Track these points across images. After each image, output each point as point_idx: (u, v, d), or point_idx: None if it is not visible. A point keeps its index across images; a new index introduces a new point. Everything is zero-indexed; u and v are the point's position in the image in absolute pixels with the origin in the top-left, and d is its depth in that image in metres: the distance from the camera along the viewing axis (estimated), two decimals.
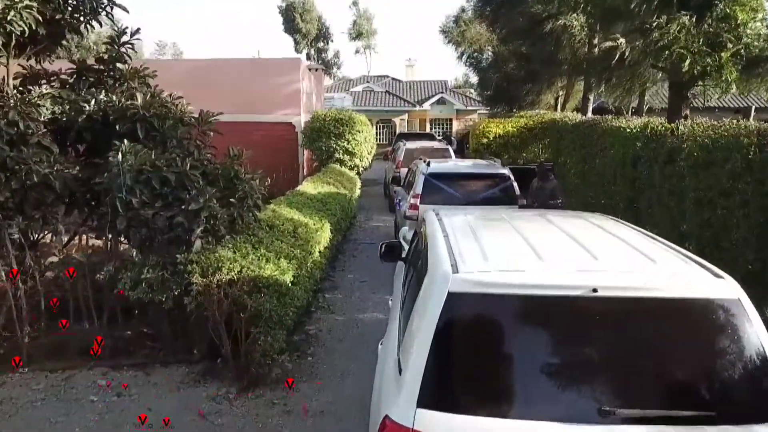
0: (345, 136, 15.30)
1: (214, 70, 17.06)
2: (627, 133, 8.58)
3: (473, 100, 40.74)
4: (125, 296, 5.64)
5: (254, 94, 16.89)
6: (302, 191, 10.04)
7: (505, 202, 8.25)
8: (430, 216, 4.32)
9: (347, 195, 11.77)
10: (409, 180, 10.47)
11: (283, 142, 16.91)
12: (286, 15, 58.71)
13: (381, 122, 38.49)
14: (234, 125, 17.68)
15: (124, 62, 6.73)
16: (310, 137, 15.68)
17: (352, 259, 10.54)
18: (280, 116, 16.95)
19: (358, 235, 12.66)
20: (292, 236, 6.89)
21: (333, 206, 9.68)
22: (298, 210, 8.39)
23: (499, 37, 21.37)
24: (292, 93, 16.86)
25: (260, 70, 16.91)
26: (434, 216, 4.25)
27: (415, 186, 8.56)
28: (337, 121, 15.43)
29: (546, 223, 3.81)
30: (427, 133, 23.00)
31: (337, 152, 15.28)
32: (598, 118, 11.22)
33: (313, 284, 7.43)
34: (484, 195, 8.28)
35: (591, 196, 10.91)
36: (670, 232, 6.87)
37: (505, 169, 8.54)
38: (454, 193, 8.25)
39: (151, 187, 5.51)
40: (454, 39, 25.10)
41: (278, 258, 6.01)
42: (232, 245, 5.96)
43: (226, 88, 16.83)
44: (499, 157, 16.50)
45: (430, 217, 4.32)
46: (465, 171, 8.70)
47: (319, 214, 8.67)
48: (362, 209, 16.06)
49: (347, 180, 13.54)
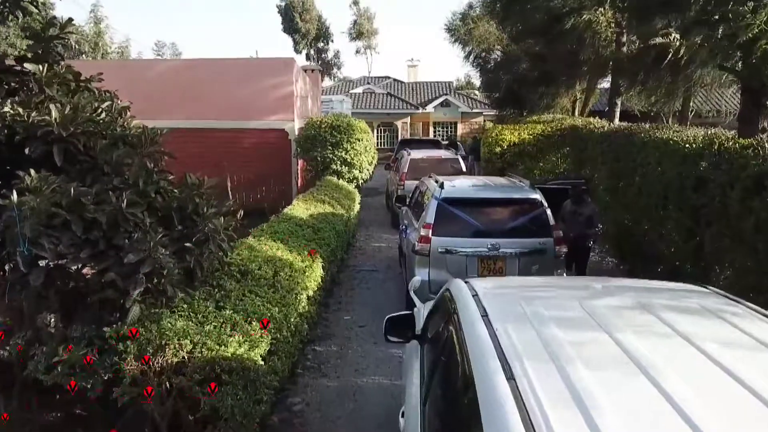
0: (342, 145, 13.81)
1: (199, 72, 15.63)
2: (683, 149, 7.11)
3: (479, 103, 39.28)
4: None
5: (243, 97, 15.46)
6: (290, 214, 8.58)
7: (536, 234, 6.79)
8: (463, 295, 2.86)
9: (344, 216, 10.30)
10: (417, 199, 9.00)
11: (274, 151, 15.46)
12: (286, 14, 58.02)
13: (382, 125, 37.02)
14: (220, 133, 16.29)
15: (55, 61, 5.24)
16: (303, 146, 14.19)
17: (349, 293, 9.08)
18: (272, 122, 15.50)
19: (357, 259, 11.20)
20: (271, 285, 5.43)
21: (327, 233, 8.21)
22: (283, 242, 6.94)
23: (510, 36, 19.92)
24: (284, 96, 15.42)
25: (250, 72, 15.47)
26: (469, 297, 2.79)
27: (426, 213, 7.09)
28: (333, 129, 13.94)
29: (654, 322, 2.35)
30: (432, 140, 21.45)
31: (333, 163, 13.80)
32: (637, 127, 9.75)
33: (299, 342, 5.96)
34: (511, 226, 6.81)
35: (628, 219, 9.43)
36: (754, 278, 5.41)
37: (536, 193, 7.06)
38: (474, 223, 6.78)
39: (71, 234, 4.05)
40: (460, 38, 23.67)
41: (249, 321, 4.56)
42: (187, 305, 4.51)
43: (211, 92, 15.43)
44: (514, 168, 15.07)
45: (462, 296, 2.87)
46: (487, 195, 7.21)
47: (310, 247, 7.20)
48: (362, 225, 14.60)
49: (345, 195, 12.07)
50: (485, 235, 6.70)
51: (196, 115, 15.34)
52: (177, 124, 15.44)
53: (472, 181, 7.98)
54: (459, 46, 24.18)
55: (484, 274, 6.69)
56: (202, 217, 4.92)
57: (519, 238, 6.73)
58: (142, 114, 15.17)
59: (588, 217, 7.66)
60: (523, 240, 6.72)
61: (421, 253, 6.86)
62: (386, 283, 9.61)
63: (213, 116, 15.38)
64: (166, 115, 15.42)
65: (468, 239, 6.74)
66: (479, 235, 6.72)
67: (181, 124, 15.43)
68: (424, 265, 6.85)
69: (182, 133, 15.47)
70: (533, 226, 6.84)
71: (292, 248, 6.83)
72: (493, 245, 6.65)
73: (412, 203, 9.50)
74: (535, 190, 7.15)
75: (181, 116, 15.38)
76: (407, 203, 9.86)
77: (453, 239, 6.77)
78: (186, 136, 15.42)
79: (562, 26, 14.30)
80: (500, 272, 6.71)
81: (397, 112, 36.65)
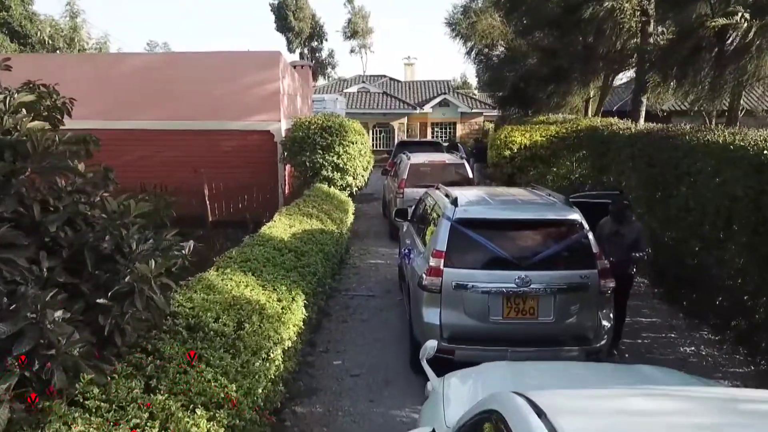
0: (334, 149, 12.40)
1: (175, 67, 14.21)
2: (756, 157, 5.75)
3: (479, 102, 37.96)
4: None
5: (224, 95, 14.06)
6: (269, 234, 7.19)
7: (577, 265, 5.42)
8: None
9: (335, 232, 8.91)
10: (421, 215, 7.63)
11: (259, 155, 14.06)
12: (279, 13, 57.29)
13: (378, 126, 35.64)
14: (198, 135, 14.87)
15: None
16: (291, 150, 12.77)
17: (341, 327, 7.68)
18: (256, 123, 14.09)
19: (351, 281, 9.80)
20: (231, 345, 4.04)
21: (313, 258, 6.82)
22: (255, 275, 5.55)
23: (516, 30, 18.59)
24: (270, 94, 14.01)
25: (231, 67, 14.06)
26: None
27: (435, 238, 5.70)
28: (324, 130, 12.53)
29: None
30: (433, 141, 19.98)
31: (324, 169, 12.38)
32: (679, 129, 8.39)
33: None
34: (545, 254, 5.42)
35: (671, 237, 8.07)
36: None
37: (575, 212, 5.68)
38: (498, 251, 5.39)
39: None
40: (462, 32, 22.31)
41: (193, 409, 3.17)
42: (99, 390, 3.11)
43: (189, 89, 14.04)
44: (524, 173, 13.75)
45: None
46: (514, 216, 5.80)
47: (290, 278, 5.82)
48: (357, 236, 13.20)
49: (337, 206, 10.69)
50: (512, 267, 5.33)
51: (171, 115, 13.94)
52: (150, 126, 14.09)
53: (492, 196, 6.56)
54: (460, 41, 22.81)
55: (511, 316, 5.32)
56: (127, 259, 3.53)
57: (555, 271, 5.36)
58: (110, 115, 13.77)
59: (634, 240, 6.27)
60: (560, 273, 5.35)
61: (430, 288, 5.47)
62: (385, 312, 8.22)
63: (191, 116, 13.98)
64: (139, 116, 14.05)
65: (490, 271, 5.37)
66: (504, 266, 5.34)
67: (155, 125, 14.08)
68: (434, 304, 5.47)
69: (156, 136, 14.10)
70: (572, 254, 5.47)
71: (267, 283, 5.44)
72: (522, 279, 5.27)
73: (414, 218, 8.11)
74: (573, 209, 5.77)
75: (155, 116, 13.99)
76: (409, 218, 8.47)
77: (471, 272, 5.39)
78: (160, 138, 14.07)
79: (578, 16, 12.96)
80: (531, 313, 5.33)
81: (393, 112, 35.26)
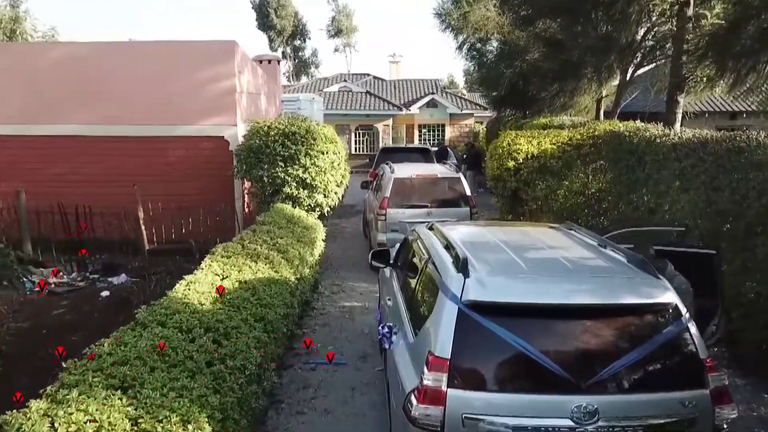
0: (299, 160, 10.07)
1: (109, 60, 11.83)
2: None
3: (469, 103, 35.84)
4: None
5: (169, 94, 11.74)
6: (181, 298, 4.90)
7: (676, 384, 3.22)
8: None
9: (291, 282, 6.65)
10: (408, 262, 5.40)
11: (210, 166, 11.73)
12: (260, 10, 56.30)
13: (361, 128, 33.36)
14: (137, 142, 12.43)
15: None
16: (246, 161, 10.41)
17: (294, 424, 5.41)
18: (207, 127, 11.77)
19: (318, 336, 7.54)
20: None
21: (244, 340, 4.54)
22: (126, 394, 3.29)
23: (516, 19, 16.44)
24: (224, 93, 11.71)
25: (177, 60, 11.73)
26: None
27: (433, 333, 3.44)
28: (286, 137, 10.19)
29: None
30: (421, 148, 17.52)
31: (287, 185, 10.05)
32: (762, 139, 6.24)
33: None
34: (619, 367, 3.18)
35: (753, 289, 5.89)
36: None
37: (667, 290, 3.45)
38: (540, 360, 3.15)
39: None
40: (452, 24, 20.15)
41: None
42: None
43: (125, 87, 11.71)
44: (530, 188, 11.57)
45: None
46: (565, 301, 3.48)
47: (192, 394, 3.54)
48: (330, 266, 10.97)
49: (300, 236, 8.42)
50: (566, 389, 3.10)
51: (104, 119, 11.57)
52: (78, 131, 11.74)
53: (517, 249, 4.26)
54: (451, 34, 20.62)
55: None
56: None
57: (638, 394, 3.13)
58: (29, 117, 11.12)
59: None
60: (650, 397, 3.13)
61: (423, 425, 3.21)
62: (358, 394, 5.99)
63: (128, 119, 11.61)
64: (64, 119, 11.69)
65: (527, 397, 3.14)
66: (553, 389, 3.12)
67: (84, 130, 11.74)
68: None
69: (85, 144, 11.71)
70: (666, 364, 3.24)
71: (145, 413, 3.16)
72: (584, 412, 3.05)
73: (399, 264, 5.88)
74: (661, 281, 3.53)
75: (85, 120, 11.62)
76: (391, 261, 6.23)
77: (492, 397, 3.16)
78: (91, 146, 11.71)
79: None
80: None
81: (377, 113, 32.96)
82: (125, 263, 10.93)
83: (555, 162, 11.51)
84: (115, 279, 10.41)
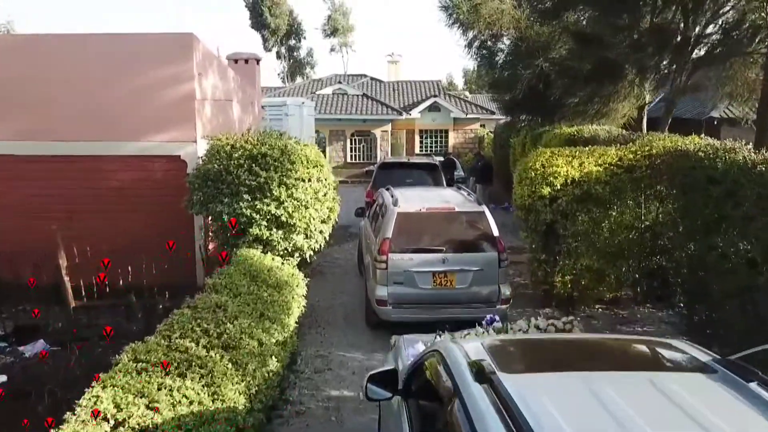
0: (271, 191, 7.55)
1: (37, 57, 9.35)
2: None
3: (475, 107, 33.45)
4: None
5: (107, 101, 9.29)
6: None
7: None
8: None
9: (240, 408, 4.23)
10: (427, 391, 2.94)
11: (163, 194, 9.28)
12: (254, 9, 54.32)
13: (357, 135, 30.98)
14: (70, 163, 9.74)
15: None
16: (203, 191, 7.92)
17: None
18: (159, 144, 9.33)
19: None
20: None
21: None
22: None
23: (538, 11, 14.07)
24: (180, 99, 9.28)
25: (119, 58, 9.29)
26: None
27: None
28: (254, 160, 7.67)
29: None
30: (428, 163, 14.49)
31: (255, 224, 7.58)
32: None
33: None
34: None
35: None
36: None
37: None
38: None
39: None
40: (461, 19, 17.78)
41: None
42: None
43: (57, 92, 9.23)
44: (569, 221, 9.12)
45: None
46: None
47: None
48: (314, 321, 8.58)
49: (266, 305, 5.99)
50: None
51: (28, 133, 9.11)
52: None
53: None
54: (459, 30, 18.21)
55: None
56: None
57: None
58: None
59: None
60: None
61: None
62: None
63: (60, 134, 9.16)
64: None
65: None
66: None
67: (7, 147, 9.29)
68: None
69: (7, 164, 9.30)
70: None
71: None
72: None
73: (412, 392, 3.46)
74: None
75: (8, 134, 9.17)
76: (400, 387, 3.78)
77: None
78: (14, 168, 9.27)
79: None
80: None
81: (375, 117, 30.55)
82: (45, 322, 8.48)
83: (601, 188, 9.09)
84: (29, 347, 7.97)
